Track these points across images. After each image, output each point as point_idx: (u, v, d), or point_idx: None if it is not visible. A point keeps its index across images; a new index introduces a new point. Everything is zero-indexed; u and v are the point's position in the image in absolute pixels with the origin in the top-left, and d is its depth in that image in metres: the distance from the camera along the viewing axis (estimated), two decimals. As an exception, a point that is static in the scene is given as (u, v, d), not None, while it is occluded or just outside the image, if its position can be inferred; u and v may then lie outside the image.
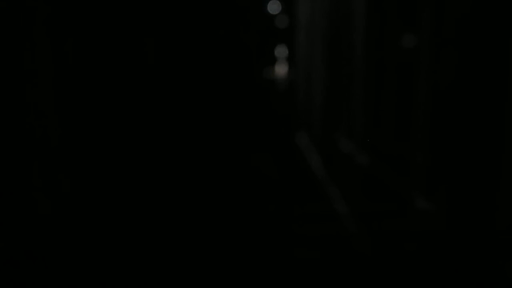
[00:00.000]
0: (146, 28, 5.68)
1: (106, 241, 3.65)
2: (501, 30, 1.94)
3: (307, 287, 2.98)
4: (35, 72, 3.86)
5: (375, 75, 3.84)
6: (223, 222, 4.09)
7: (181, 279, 3.04)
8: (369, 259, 3.29)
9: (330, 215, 4.30)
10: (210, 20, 7.51)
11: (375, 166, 3.60)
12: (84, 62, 4.32)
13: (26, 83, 3.71)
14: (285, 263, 3.25)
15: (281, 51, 9.16)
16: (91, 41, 4.51)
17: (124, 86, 5.35)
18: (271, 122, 8.72)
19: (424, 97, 2.82)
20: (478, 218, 2.08)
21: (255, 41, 8.84)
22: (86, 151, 4.46)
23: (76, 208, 3.97)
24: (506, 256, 1.95)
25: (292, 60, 8.36)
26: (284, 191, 5.07)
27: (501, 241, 1.97)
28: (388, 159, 3.43)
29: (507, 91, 1.92)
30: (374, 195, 3.55)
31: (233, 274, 3.11)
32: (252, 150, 7.02)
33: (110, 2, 5.02)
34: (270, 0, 8.56)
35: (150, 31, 5.87)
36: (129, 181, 5.03)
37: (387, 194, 3.25)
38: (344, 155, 4.60)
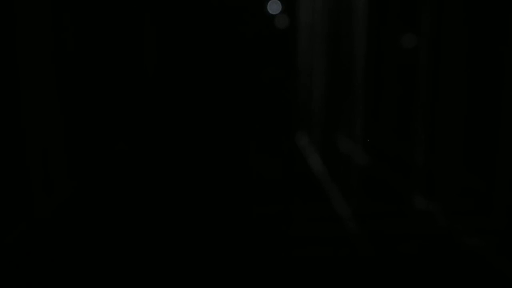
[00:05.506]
0: (146, 29, 5.66)
1: (105, 240, 3.64)
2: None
3: (307, 286, 2.98)
4: (35, 71, 3.85)
5: (375, 75, 3.84)
6: (221, 222, 4.09)
7: (179, 280, 3.05)
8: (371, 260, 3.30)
9: (330, 215, 4.30)
10: (210, 20, 7.50)
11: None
12: (86, 63, 4.31)
13: (26, 82, 3.71)
14: (284, 262, 3.26)
15: (281, 51, 9.16)
16: (92, 44, 4.49)
17: (126, 86, 5.31)
18: (271, 122, 8.72)
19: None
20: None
21: (255, 41, 8.84)
22: (89, 151, 4.43)
23: (78, 209, 3.96)
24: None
25: (292, 60, 8.37)
26: (283, 190, 5.08)
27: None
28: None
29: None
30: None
31: (232, 275, 3.11)
32: (251, 150, 7.02)
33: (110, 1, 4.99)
34: (270, 0, 8.57)
35: (150, 32, 5.85)
36: (129, 178, 5.01)
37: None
38: (344, 155, 4.60)
